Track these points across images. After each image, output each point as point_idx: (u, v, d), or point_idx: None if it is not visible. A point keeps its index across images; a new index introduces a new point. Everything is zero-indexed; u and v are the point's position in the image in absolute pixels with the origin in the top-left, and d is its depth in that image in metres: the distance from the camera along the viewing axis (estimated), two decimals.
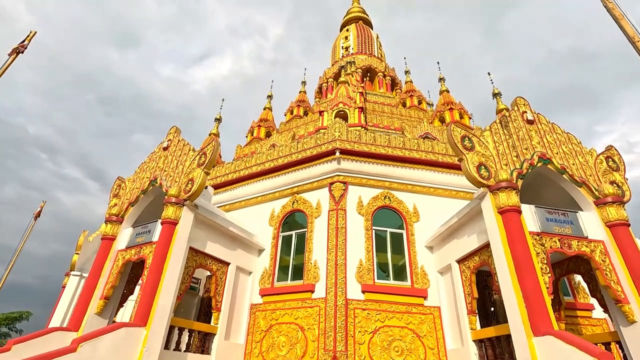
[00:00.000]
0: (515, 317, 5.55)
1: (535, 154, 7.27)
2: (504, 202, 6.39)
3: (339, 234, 8.81)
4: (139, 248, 7.99)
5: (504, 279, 5.92)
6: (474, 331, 7.15)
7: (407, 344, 7.81)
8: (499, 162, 7.03)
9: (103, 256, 8.33)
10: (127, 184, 9.51)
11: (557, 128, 7.94)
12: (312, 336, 7.93)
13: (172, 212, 7.55)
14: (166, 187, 8.29)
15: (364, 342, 7.67)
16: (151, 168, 9.18)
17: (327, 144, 9.87)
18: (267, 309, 8.90)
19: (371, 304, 8.13)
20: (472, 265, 7.52)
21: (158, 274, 6.93)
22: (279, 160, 10.63)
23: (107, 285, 7.93)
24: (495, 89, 15.17)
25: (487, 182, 6.71)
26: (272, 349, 8.27)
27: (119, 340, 5.97)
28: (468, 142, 7.17)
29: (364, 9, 30.61)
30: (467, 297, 7.52)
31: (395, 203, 9.61)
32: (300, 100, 20.97)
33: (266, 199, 10.83)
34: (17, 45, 8.29)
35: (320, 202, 9.70)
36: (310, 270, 8.79)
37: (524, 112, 7.97)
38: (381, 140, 10.09)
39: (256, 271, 9.64)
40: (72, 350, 5.36)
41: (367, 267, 8.58)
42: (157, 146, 9.63)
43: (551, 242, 6.36)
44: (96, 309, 7.70)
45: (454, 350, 7.65)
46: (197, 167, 8.04)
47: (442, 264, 8.58)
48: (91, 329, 7.44)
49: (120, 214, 8.84)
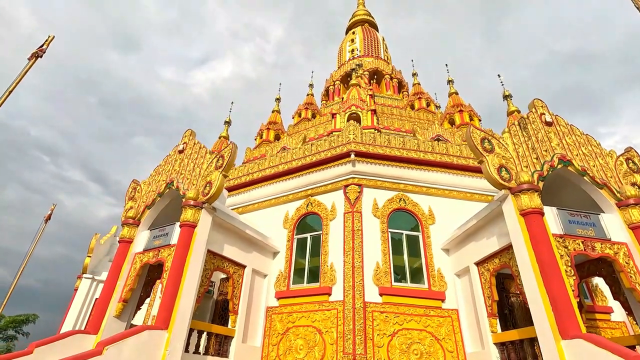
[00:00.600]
0: (542, 320, 5.51)
1: (555, 156, 7.24)
2: (527, 204, 6.36)
3: (355, 237, 8.79)
4: (157, 251, 8.00)
5: (529, 282, 5.89)
6: (495, 334, 7.10)
7: (425, 347, 7.77)
8: (519, 164, 7.01)
9: (120, 259, 8.34)
10: (142, 187, 9.53)
11: (576, 130, 7.91)
12: (330, 339, 7.90)
13: (190, 214, 7.55)
14: (183, 189, 8.30)
15: (382, 345, 7.63)
16: (167, 171, 9.21)
17: (341, 147, 9.87)
18: (283, 312, 8.88)
19: (389, 306, 8.10)
20: (491, 267, 7.48)
21: (178, 277, 6.93)
22: (293, 162, 10.64)
23: (126, 288, 7.95)
24: (505, 91, 15.20)
25: (508, 184, 6.68)
26: (289, 352, 8.24)
27: (143, 343, 5.96)
28: (488, 144, 7.15)
29: (369, 12, 30.66)
30: (486, 300, 7.48)
31: (410, 205, 9.59)
32: (308, 102, 21.02)
33: (279, 202, 10.83)
34: (36, 49, 8.35)
35: (335, 204, 9.69)
36: (326, 273, 8.76)
37: (542, 114, 7.95)
38: (396, 142, 10.08)
39: (271, 274, 9.62)
40: (98, 353, 5.36)
41: (384, 269, 8.55)
42: (172, 149, 9.66)
43: (574, 244, 6.31)
44: (115, 312, 7.71)
45: (474, 354, 7.60)
46: (215, 170, 8.06)
47: (460, 266, 8.54)
48: (110, 332, 7.48)
49: (136, 217, 8.85)
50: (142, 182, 9.76)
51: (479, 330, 7.60)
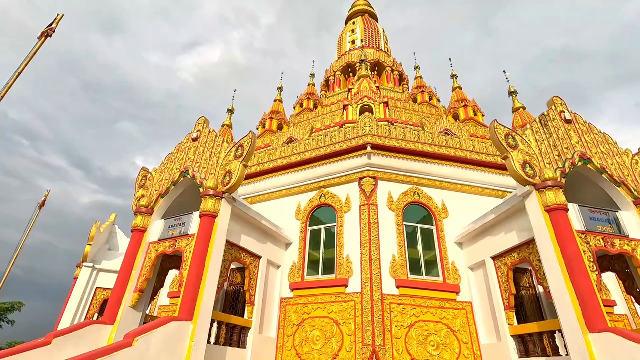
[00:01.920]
0: (568, 314, 5.65)
1: (576, 154, 7.37)
2: (552, 200, 6.47)
3: (372, 229, 8.81)
4: (173, 241, 7.84)
5: (554, 277, 6.01)
6: (513, 327, 7.27)
7: (442, 339, 7.91)
8: (542, 161, 7.10)
9: (135, 248, 8.15)
10: (154, 175, 9.30)
11: (593, 128, 8.05)
12: (348, 330, 7.95)
13: (211, 204, 7.41)
14: (201, 179, 8.13)
15: (400, 337, 7.73)
16: (180, 159, 8.99)
17: (357, 139, 9.81)
18: (298, 303, 8.88)
19: (406, 299, 8.19)
20: (509, 262, 7.61)
21: (200, 267, 6.82)
22: (307, 154, 10.54)
23: (141, 278, 7.79)
24: (511, 88, 15.33)
25: (532, 181, 6.77)
26: (305, 343, 8.27)
27: (170, 334, 5.87)
28: (512, 141, 7.21)
29: (369, 2, 30.36)
30: (503, 293, 7.63)
31: (424, 199, 9.65)
32: (310, 93, 20.82)
33: (291, 193, 10.75)
34: (46, 29, 7.95)
35: (349, 196, 9.66)
36: (342, 264, 8.78)
37: (562, 112, 8.05)
38: (411, 135, 10.08)
39: (284, 265, 9.59)
40: (128, 344, 5.25)
41: (400, 262, 8.61)
42: (185, 137, 9.43)
43: (595, 240, 6.47)
44: (131, 302, 7.56)
45: (489, 345, 7.78)
46: (235, 160, 7.90)
47: (474, 260, 8.67)
48: (126, 323, 7.36)
49: (150, 206, 8.65)
50: (153, 170, 9.52)
51: (494, 322, 7.76)
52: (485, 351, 7.82)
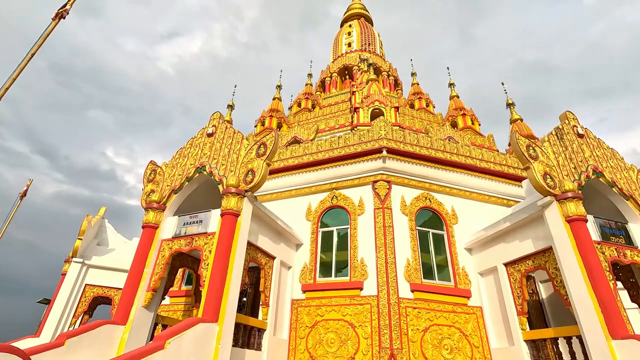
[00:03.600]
0: (591, 321, 5.89)
1: (590, 167, 7.71)
2: (573, 211, 6.73)
3: (387, 233, 8.86)
4: (190, 239, 7.58)
5: (576, 285, 6.25)
6: (526, 332, 7.51)
7: (455, 342, 8.06)
8: (560, 173, 7.38)
9: (146, 245, 7.82)
10: (164, 170, 8.96)
11: (602, 143, 8.45)
12: (364, 333, 7.96)
13: (234, 203, 7.22)
14: (219, 176, 7.91)
15: (416, 340, 7.81)
16: (194, 154, 8.72)
17: (373, 142, 9.85)
18: (310, 305, 8.80)
19: (420, 302, 8.29)
20: (523, 268, 7.86)
21: (224, 267, 6.62)
22: (319, 154, 10.47)
23: (154, 277, 7.48)
24: (508, 99, 15.86)
25: (553, 191, 7.02)
26: (319, 345, 8.21)
27: (197, 336, 5.66)
28: (533, 152, 7.45)
29: (365, 6, 30.60)
30: (516, 299, 7.87)
31: (435, 204, 9.81)
32: (308, 92, 20.74)
33: (301, 193, 10.65)
34: (60, 9, 7.51)
35: (362, 199, 9.68)
36: (357, 267, 8.78)
37: (574, 126, 8.40)
38: (424, 141, 10.22)
39: (295, 266, 9.49)
40: (161, 347, 5.01)
41: (414, 266, 8.71)
42: (199, 132, 9.15)
43: (609, 250, 6.79)
44: (144, 302, 7.25)
45: (500, 349, 7.99)
46: (257, 158, 7.74)
47: (485, 266, 8.89)
48: (139, 323, 7.07)
49: (161, 201, 8.33)
50: (162, 165, 9.18)
51: (505, 327, 7.99)
52: (495, 355, 8.03)
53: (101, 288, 12.68)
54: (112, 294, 12.76)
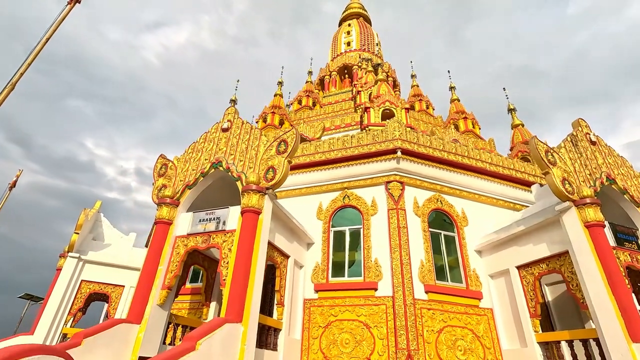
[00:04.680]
0: (611, 324, 6.03)
1: (603, 174, 7.90)
2: (592, 217, 6.88)
3: (401, 234, 8.86)
4: (206, 236, 7.39)
5: (595, 289, 6.39)
6: (540, 334, 7.64)
7: (468, 344, 8.14)
8: (577, 179, 7.53)
9: (160, 242, 7.58)
10: (176, 164, 8.71)
11: (613, 151, 8.68)
12: (379, 334, 7.94)
13: (256, 200, 7.07)
14: (237, 172, 7.74)
15: (431, 342, 7.85)
16: (209, 149, 8.51)
17: (387, 142, 9.83)
18: (323, 305, 8.73)
19: (434, 304, 8.33)
20: (537, 272, 7.99)
21: (246, 266, 6.47)
22: (332, 153, 10.39)
23: (169, 275, 7.26)
24: (510, 105, 16.14)
25: (572, 197, 7.16)
26: (333, 346, 8.15)
27: (224, 337, 5.51)
28: (551, 157, 7.58)
29: (363, 6, 30.62)
30: (529, 302, 8.00)
31: (446, 206, 9.88)
32: (309, 90, 20.63)
33: (311, 192, 10.55)
34: None
35: (375, 199, 9.66)
36: (371, 268, 8.76)
37: (587, 134, 8.59)
38: (436, 143, 10.28)
39: (307, 265, 9.39)
40: (192, 348, 4.85)
41: (428, 267, 8.75)
42: (213, 126, 8.94)
43: (624, 256, 6.97)
44: (159, 300, 7.01)
45: (511, 351, 8.12)
46: (278, 155, 7.60)
47: (496, 268, 9.01)
48: (154, 321, 6.86)
49: (175, 197, 8.09)
50: (174, 159, 8.92)
51: (517, 328, 8.12)
52: (507, 356, 8.15)
53: (98, 284, 12.26)
54: (109, 290, 12.37)
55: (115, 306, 12.22)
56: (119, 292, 12.49)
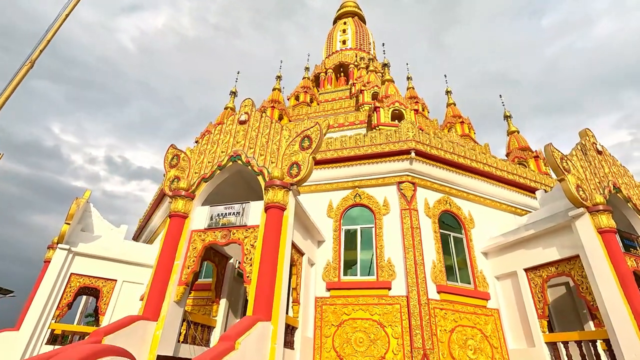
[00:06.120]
0: (625, 326, 6.33)
1: (610, 182, 8.27)
2: (605, 223, 7.18)
3: (414, 234, 8.94)
4: (226, 231, 7.16)
5: (609, 292, 6.68)
6: (548, 334, 7.92)
7: (477, 343, 8.33)
8: (589, 186, 7.84)
9: (176, 236, 7.28)
10: (189, 156, 8.39)
11: (616, 161, 9.10)
12: (394, 333, 7.99)
13: (281, 196, 6.91)
14: (258, 166, 7.54)
15: (444, 341, 7.97)
16: (225, 142, 8.25)
17: (401, 143, 9.88)
18: (336, 303, 8.68)
19: (446, 304, 8.46)
20: (545, 274, 8.27)
21: (273, 263, 6.32)
22: (344, 151, 10.33)
23: (186, 270, 6.99)
24: (506, 112, 16.62)
25: (585, 203, 7.45)
26: (347, 344, 8.12)
27: (258, 335, 5.36)
28: (566, 164, 7.85)
29: (358, 5, 30.65)
30: (537, 303, 8.27)
31: (454, 208, 10.05)
32: (306, 86, 20.44)
33: (320, 189, 10.45)
34: None
35: (387, 199, 9.70)
36: (384, 267, 8.78)
37: (594, 143, 8.97)
38: (447, 146, 10.43)
39: (318, 263, 9.31)
40: (232, 348, 4.67)
41: (439, 268, 8.88)
42: (230, 118, 8.67)
43: (631, 261, 7.33)
44: (176, 296, 6.74)
45: (518, 351, 8.37)
46: (302, 151, 7.46)
47: (502, 270, 9.26)
48: (170, 318, 6.61)
49: (190, 189, 7.79)
50: (187, 150, 8.60)
51: (524, 329, 8.38)
52: (513, 356, 8.40)
53: (88, 278, 11.67)
54: (100, 284, 11.81)
55: (106, 301, 11.68)
56: (110, 286, 11.94)
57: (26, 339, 9.82)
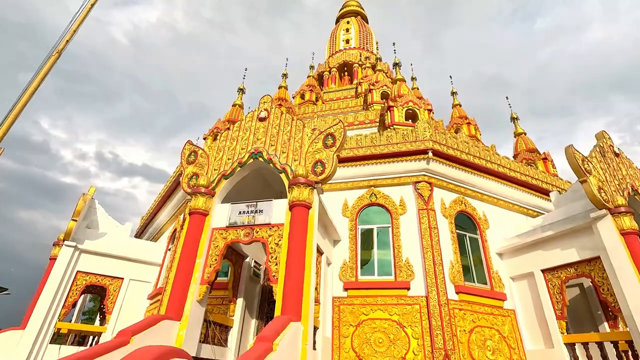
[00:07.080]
0: None
1: (628, 184, 8.33)
2: (628, 225, 7.21)
3: (432, 234, 8.90)
4: (249, 229, 7.03)
5: (633, 293, 6.70)
6: (567, 335, 7.94)
7: (495, 343, 8.32)
8: (610, 188, 7.88)
9: (196, 234, 7.13)
10: (208, 152, 8.24)
11: (632, 163, 9.16)
12: (414, 333, 7.93)
13: (307, 194, 6.80)
14: (281, 164, 7.42)
15: (464, 342, 7.94)
16: (244, 138, 8.12)
17: (418, 142, 9.83)
18: (353, 303, 8.60)
19: (465, 304, 8.44)
20: (564, 276, 8.29)
21: (301, 263, 6.21)
22: (360, 150, 10.24)
23: (208, 269, 6.85)
24: (513, 114, 16.70)
25: (607, 205, 7.48)
26: (366, 345, 8.04)
27: (291, 336, 5.26)
28: (587, 166, 7.87)
29: (360, 4, 30.59)
30: (555, 304, 8.29)
31: (470, 209, 10.04)
32: (311, 85, 20.35)
33: (335, 188, 10.35)
34: None
35: (403, 199, 9.64)
36: (402, 267, 8.73)
37: (611, 146, 9.02)
38: (463, 146, 10.41)
39: (334, 262, 9.22)
40: (270, 349, 4.56)
41: (457, 268, 8.85)
42: (248, 114, 8.53)
43: None
44: (198, 296, 6.59)
45: (536, 351, 8.38)
46: (325, 149, 7.36)
47: (519, 271, 9.27)
48: (193, 318, 6.47)
49: (210, 187, 7.64)
50: (205, 146, 8.44)
51: (542, 330, 8.39)
52: (531, 357, 8.41)
53: (95, 276, 11.44)
54: (106, 282, 11.58)
55: (113, 300, 11.45)
56: (117, 284, 11.71)
57: (32, 338, 9.57)
